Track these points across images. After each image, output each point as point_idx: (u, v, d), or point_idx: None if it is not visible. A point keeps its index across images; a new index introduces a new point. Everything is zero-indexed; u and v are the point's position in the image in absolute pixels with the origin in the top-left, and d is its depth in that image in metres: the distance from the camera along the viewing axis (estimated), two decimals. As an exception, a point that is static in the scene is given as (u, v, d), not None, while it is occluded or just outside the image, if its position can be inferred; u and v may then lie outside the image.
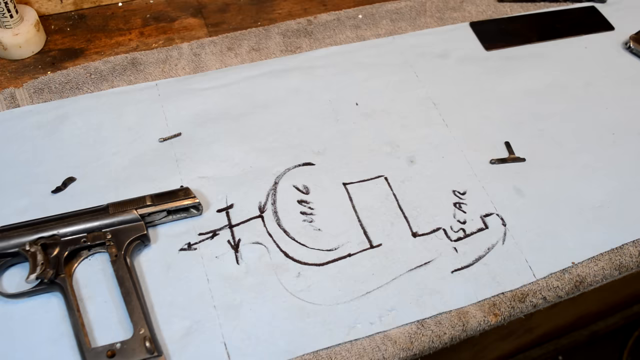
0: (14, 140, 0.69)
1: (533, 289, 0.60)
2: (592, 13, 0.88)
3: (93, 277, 0.58)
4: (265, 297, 0.58)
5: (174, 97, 0.74)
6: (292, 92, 0.76)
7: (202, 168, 0.67)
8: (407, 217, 0.65)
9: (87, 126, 0.70)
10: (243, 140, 0.70)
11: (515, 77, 0.79)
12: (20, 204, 0.63)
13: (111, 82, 0.75)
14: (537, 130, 0.73)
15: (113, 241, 0.58)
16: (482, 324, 0.58)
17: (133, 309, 0.54)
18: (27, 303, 0.56)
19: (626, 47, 0.83)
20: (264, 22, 0.84)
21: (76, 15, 0.84)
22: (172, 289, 0.58)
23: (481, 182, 0.68)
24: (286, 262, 0.61)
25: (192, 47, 0.79)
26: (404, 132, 0.72)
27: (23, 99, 0.72)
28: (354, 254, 0.62)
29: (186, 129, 0.71)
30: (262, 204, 0.65)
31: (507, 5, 0.88)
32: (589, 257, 0.62)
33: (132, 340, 0.53)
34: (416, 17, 0.86)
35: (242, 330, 0.56)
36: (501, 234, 0.64)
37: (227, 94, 0.75)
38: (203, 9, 0.86)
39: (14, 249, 0.57)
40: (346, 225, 0.64)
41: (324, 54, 0.80)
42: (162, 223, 0.62)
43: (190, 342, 0.55)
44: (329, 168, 0.68)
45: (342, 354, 0.55)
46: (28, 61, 0.78)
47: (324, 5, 0.87)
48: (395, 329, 0.57)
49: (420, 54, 0.81)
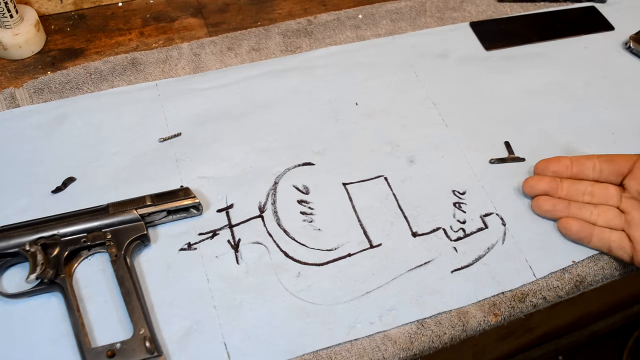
0: (14, 140, 0.69)
1: (533, 289, 0.60)
2: (592, 13, 0.88)
3: (93, 277, 0.58)
4: (265, 297, 0.58)
5: (174, 97, 0.74)
6: (292, 92, 0.76)
7: (202, 168, 0.67)
8: (407, 217, 0.65)
9: (87, 126, 0.70)
10: (243, 140, 0.70)
11: (515, 77, 0.79)
12: (20, 204, 0.63)
13: (111, 82, 0.75)
14: (537, 130, 0.73)
15: (113, 241, 0.58)
16: (482, 324, 0.58)
17: (133, 309, 0.54)
18: (27, 303, 0.56)
19: (626, 47, 0.83)
20: (264, 22, 0.84)
21: (76, 15, 0.84)
22: (172, 289, 0.58)
23: (481, 182, 0.68)
24: (286, 262, 0.61)
25: (192, 47, 0.79)
26: (404, 132, 0.72)
27: (23, 99, 0.72)
28: (354, 254, 0.62)
29: (186, 129, 0.71)
30: (262, 204, 0.65)
31: (507, 5, 0.88)
32: (589, 256, 0.62)
33: (132, 340, 0.53)
34: (416, 17, 0.86)
35: (242, 330, 0.56)
36: (501, 234, 0.64)
37: (227, 94, 0.75)
38: (203, 9, 0.86)
39: (14, 249, 0.57)
40: (346, 225, 0.64)
41: (324, 54, 0.80)
42: (162, 223, 0.62)
43: (190, 342, 0.55)
44: (329, 168, 0.68)
45: (342, 354, 0.55)
46: (28, 61, 0.78)
47: (324, 5, 0.87)
48: (395, 328, 0.57)
49: (420, 54, 0.81)
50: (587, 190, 0.64)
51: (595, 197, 0.64)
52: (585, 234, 0.62)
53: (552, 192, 0.64)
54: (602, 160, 0.64)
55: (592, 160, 0.65)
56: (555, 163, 0.65)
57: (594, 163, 0.64)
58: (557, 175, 0.65)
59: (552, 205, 0.63)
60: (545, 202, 0.64)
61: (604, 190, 0.64)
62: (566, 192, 0.64)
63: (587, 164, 0.64)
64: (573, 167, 0.65)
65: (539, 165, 0.66)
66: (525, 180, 0.66)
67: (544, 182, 0.65)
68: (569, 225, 0.62)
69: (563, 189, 0.64)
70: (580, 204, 0.64)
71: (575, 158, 0.65)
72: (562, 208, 0.63)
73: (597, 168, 0.64)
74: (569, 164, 0.65)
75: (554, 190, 0.64)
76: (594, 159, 0.65)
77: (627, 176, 0.63)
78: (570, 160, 0.65)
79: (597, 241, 0.62)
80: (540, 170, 0.66)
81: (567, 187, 0.64)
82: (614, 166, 0.63)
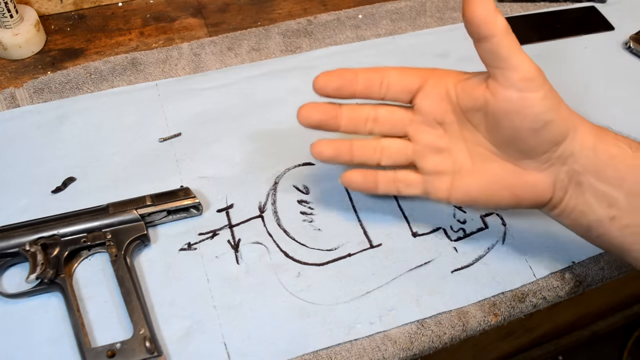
0: (14, 140, 0.69)
1: (533, 289, 0.60)
2: (592, 13, 0.88)
3: (93, 277, 0.58)
4: (265, 297, 0.58)
5: (174, 97, 0.74)
6: (292, 92, 0.76)
7: (202, 168, 0.67)
8: (407, 217, 0.65)
9: (87, 126, 0.70)
10: (243, 140, 0.70)
11: (515, 77, 0.79)
12: (20, 204, 0.63)
13: (111, 82, 0.75)
14: (537, 130, 0.73)
15: (113, 241, 0.58)
16: (482, 324, 0.58)
17: (133, 309, 0.54)
18: (27, 303, 0.56)
19: (626, 47, 0.83)
20: (264, 22, 0.85)
21: (76, 15, 0.84)
22: (172, 289, 0.58)
23: (481, 182, 0.68)
24: (286, 262, 0.61)
25: (192, 47, 0.79)
26: (404, 132, 0.72)
27: (23, 99, 0.72)
28: (354, 254, 0.62)
29: (186, 129, 0.71)
30: (262, 204, 0.65)
31: (507, 5, 0.88)
32: (589, 256, 0.63)
33: (132, 340, 0.53)
34: (416, 17, 0.86)
35: (242, 330, 0.56)
36: (501, 234, 0.64)
37: (227, 94, 0.75)
38: (203, 9, 0.86)
39: (14, 249, 0.57)
40: (346, 225, 0.64)
41: (324, 54, 0.80)
42: (162, 223, 0.62)
43: (190, 342, 0.55)
44: (329, 168, 0.68)
45: (342, 354, 0.55)
46: (28, 61, 0.78)
47: (324, 5, 0.87)
48: (395, 328, 0.57)
49: (420, 54, 0.81)
50: (370, 116, 0.54)
51: (379, 124, 0.54)
52: (370, 185, 0.56)
53: (331, 123, 0.54)
54: (392, 74, 0.53)
55: (380, 72, 0.53)
56: (337, 77, 0.52)
57: (382, 76, 0.52)
58: (340, 93, 0.53)
59: (334, 150, 0.55)
60: (325, 147, 0.55)
61: (389, 115, 0.54)
62: (346, 121, 0.54)
63: (375, 78, 0.53)
64: (359, 83, 0.52)
65: (318, 80, 0.52)
66: (300, 108, 0.54)
67: (319, 111, 0.53)
68: (351, 181, 0.56)
69: (342, 117, 0.54)
70: (363, 142, 0.55)
71: (362, 70, 0.53)
72: (345, 152, 0.55)
73: (385, 83, 0.52)
74: (353, 79, 0.52)
75: (333, 120, 0.54)
76: (383, 71, 0.53)
77: (417, 94, 0.53)
78: (356, 74, 0.52)
79: (383, 188, 0.56)
80: (320, 88, 0.53)
81: (348, 115, 0.54)
82: (402, 80, 0.52)
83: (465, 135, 0.53)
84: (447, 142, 0.54)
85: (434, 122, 0.53)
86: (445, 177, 0.54)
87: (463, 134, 0.53)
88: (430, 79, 0.52)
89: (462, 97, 0.51)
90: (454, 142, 0.54)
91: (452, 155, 0.54)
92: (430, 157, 0.54)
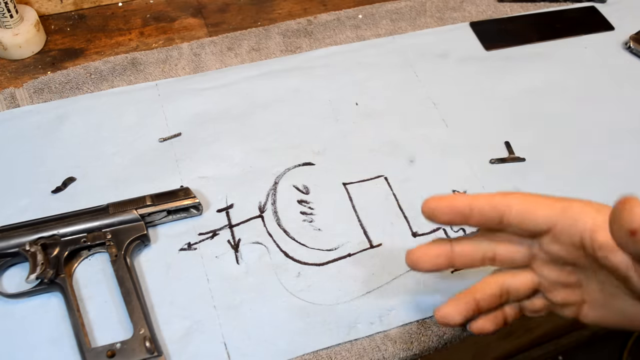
0: (14, 140, 0.69)
1: (533, 289, 0.60)
2: (592, 13, 0.88)
3: (93, 277, 0.58)
4: (265, 297, 0.58)
5: (174, 97, 0.74)
6: (292, 92, 0.76)
7: (202, 168, 0.67)
8: (407, 217, 0.65)
9: (87, 126, 0.70)
10: (243, 140, 0.70)
11: (515, 76, 0.79)
12: (20, 204, 0.63)
13: (111, 82, 0.75)
14: (537, 130, 0.73)
15: (113, 241, 0.58)
16: (482, 323, 0.58)
17: (133, 309, 0.54)
18: (27, 303, 0.56)
19: (626, 47, 0.83)
20: (264, 22, 0.84)
21: (76, 15, 0.84)
22: (172, 289, 0.58)
23: (481, 182, 0.68)
24: (286, 262, 0.61)
25: (192, 47, 0.79)
26: (404, 132, 0.72)
27: (23, 99, 0.72)
28: (354, 254, 0.62)
29: (186, 129, 0.71)
30: (262, 204, 0.65)
31: (507, 5, 0.88)
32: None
33: (132, 340, 0.53)
34: (416, 17, 0.86)
35: (242, 330, 0.56)
36: (501, 234, 0.64)
37: (227, 94, 0.75)
38: (203, 9, 0.86)
39: (14, 249, 0.57)
40: (346, 225, 0.64)
41: (324, 54, 0.80)
42: (162, 223, 0.62)
43: (190, 342, 0.55)
44: (329, 168, 0.68)
45: (342, 354, 0.55)
46: (28, 61, 0.78)
47: (324, 5, 0.87)
48: (395, 328, 0.57)
49: (420, 54, 0.81)
50: (487, 255, 0.48)
51: (497, 262, 0.48)
52: (500, 322, 0.50)
53: (443, 267, 0.48)
54: (514, 213, 0.44)
55: (498, 210, 0.45)
56: (448, 211, 0.46)
57: (500, 215, 0.45)
58: (450, 224, 0.49)
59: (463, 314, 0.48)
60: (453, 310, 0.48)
61: (509, 255, 0.48)
62: (460, 260, 0.48)
63: (492, 217, 0.45)
64: (473, 218, 0.45)
65: (427, 209, 0.46)
66: (408, 253, 0.48)
67: (431, 254, 0.48)
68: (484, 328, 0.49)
69: (455, 258, 0.48)
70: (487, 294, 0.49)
71: (478, 203, 0.45)
72: (472, 308, 0.48)
73: (504, 223, 0.45)
74: (467, 214, 0.45)
75: (445, 265, 0.48)
76: (502, 207, 0.45)
77: (543, 236, 0.45)
78: (471, 208, 0.45)
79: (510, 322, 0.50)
80: (429, 217, 0.46)
81: (461, 252, 0.48)
82: (524, 224, 0.45)
83: (598, 277, 0.46)
84: (577, 278, 0.47)
85: (563, 263, 0.46)
86: (574, 306, 0.49)
87: (596, 274, 0.45)
88: (560, 221, 0.43)
89: (601, 256, 0.42)
90: (586, 279, 0.46)
91: (582, 289, 0.47)
92: (558, 291, 0.48)
